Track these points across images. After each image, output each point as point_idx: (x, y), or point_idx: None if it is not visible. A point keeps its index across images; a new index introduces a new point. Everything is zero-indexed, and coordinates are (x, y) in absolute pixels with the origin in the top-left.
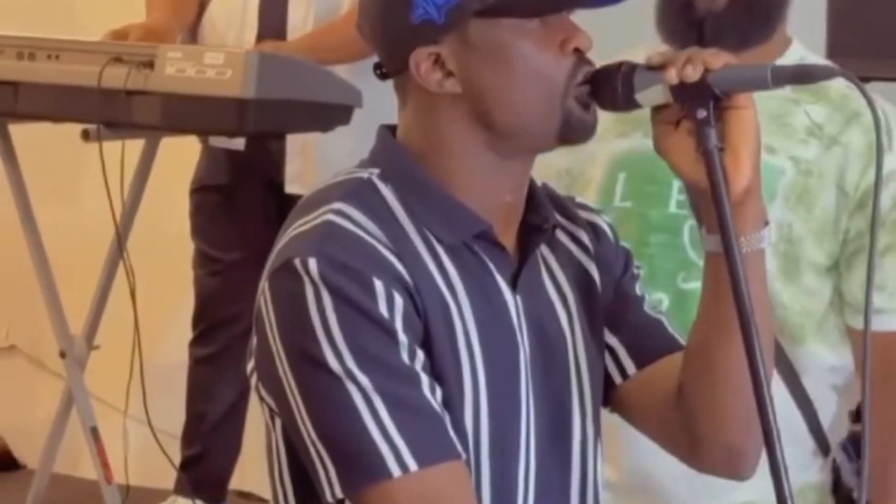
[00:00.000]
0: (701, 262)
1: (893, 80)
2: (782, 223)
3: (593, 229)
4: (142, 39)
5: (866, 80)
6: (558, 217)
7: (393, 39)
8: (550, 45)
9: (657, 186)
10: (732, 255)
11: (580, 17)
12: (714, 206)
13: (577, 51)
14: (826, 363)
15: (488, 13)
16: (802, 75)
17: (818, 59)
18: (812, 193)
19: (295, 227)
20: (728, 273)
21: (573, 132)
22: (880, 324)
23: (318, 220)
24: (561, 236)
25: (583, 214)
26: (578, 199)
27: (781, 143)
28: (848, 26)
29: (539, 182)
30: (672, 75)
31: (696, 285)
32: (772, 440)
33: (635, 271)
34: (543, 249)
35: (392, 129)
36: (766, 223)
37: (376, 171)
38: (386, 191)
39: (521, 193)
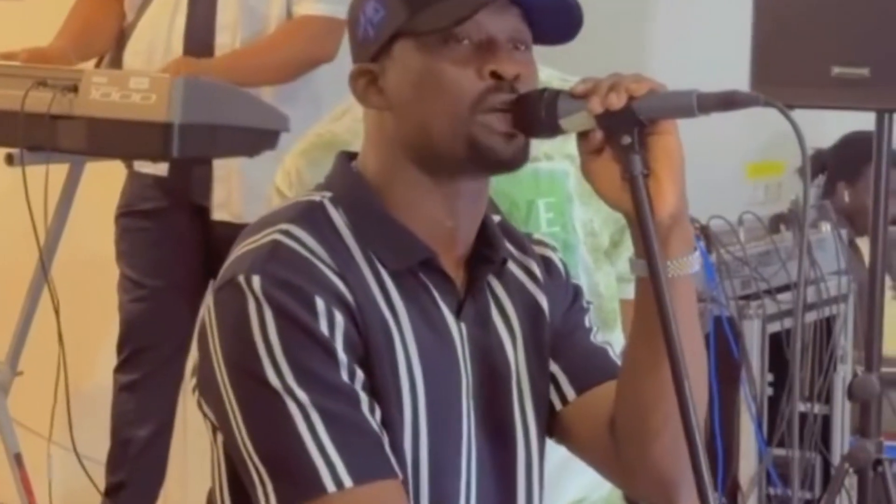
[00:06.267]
0: None
1: (815, 108)
2: (585, 220)
3: (546, 263)
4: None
5: (790, 107)
6: (512, 249)
7: (352, 56)
8: (469, 67)
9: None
10: (658, 279)
11: None
12: (639, 231)
13: (495, 75)
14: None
15: (405, 33)
16: (728, 102)
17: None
18: None
19: (243, 246)
20: (654, 297)
21: (481, 159)
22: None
23: (266, 240)
24: (513, 268)
25: (537, 249)
26: (536, 235)
27: (552, 146)
28: (771, 55)
29: (497, 217)
30: (595, 105)
31: None
32: (700, 469)
33: (584, 305)
34: (493, 281)
35: (351, 155)
36: (695, 248)
37: (329, 194)
38: (336, 214)
39: (462, 220)
